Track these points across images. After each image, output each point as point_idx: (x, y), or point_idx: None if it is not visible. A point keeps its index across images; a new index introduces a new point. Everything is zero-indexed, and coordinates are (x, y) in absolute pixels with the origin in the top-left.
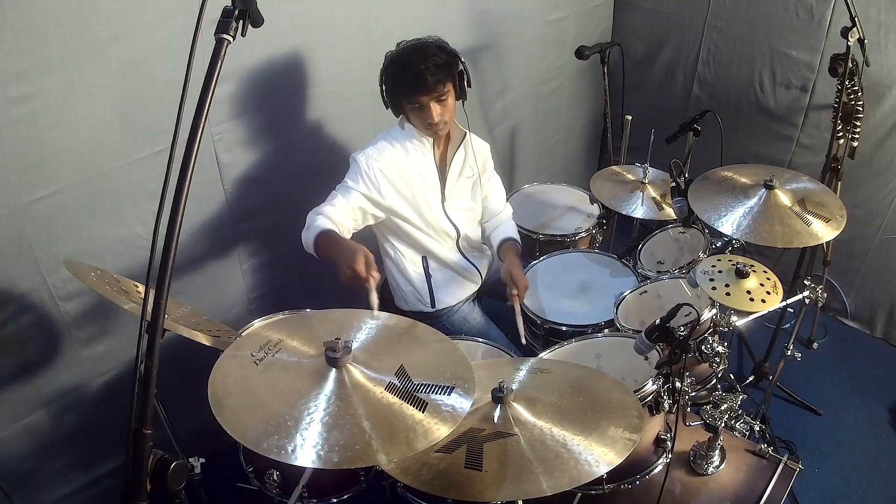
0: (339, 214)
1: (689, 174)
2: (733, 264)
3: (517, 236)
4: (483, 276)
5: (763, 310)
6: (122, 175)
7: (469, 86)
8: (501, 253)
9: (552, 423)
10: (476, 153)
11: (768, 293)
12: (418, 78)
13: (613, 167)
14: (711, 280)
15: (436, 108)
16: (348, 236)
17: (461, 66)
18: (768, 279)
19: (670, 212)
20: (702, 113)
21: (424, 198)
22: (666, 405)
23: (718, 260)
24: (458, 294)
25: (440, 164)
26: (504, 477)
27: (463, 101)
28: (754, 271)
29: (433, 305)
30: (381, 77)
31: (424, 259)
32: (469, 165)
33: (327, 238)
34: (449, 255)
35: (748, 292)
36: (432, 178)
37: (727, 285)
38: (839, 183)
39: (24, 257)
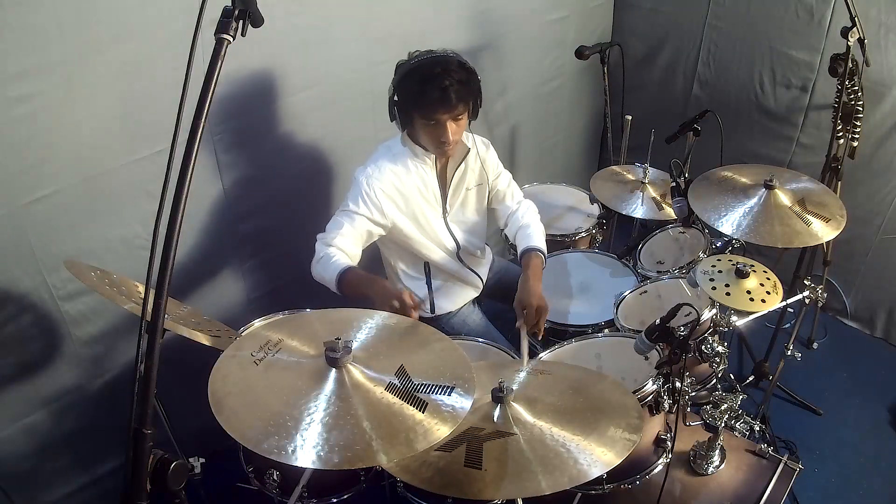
0: (349, 244)
1: (689, 174)
2: (733, 264)
3: (542, 243)
4: (484, 281)
5: (763, 310)
6: (122, 175)
7: (480, 105)
8: (522, 266)
9: (552, 423)
10: (478, 155)
11: (768, 292)
12: (443, 94)
13: (613, 167)
14: (711, 280)
15: (451, 127)
16: (358, 260)
17: (478, 82)
18: (768, 279)
19: (670, 212)
20: (702, 113)
21: (424, 213)
22: (666, 405)
23: (718, 260)
24: (458, 300)
25: (441, 178)
26: (503, 476)
27: (471, 121)
28: (754, 271)
29: (433, 311)
30: (394, 89)
31: (426, 265)
32: (470, 175)
33: (354, 278)
34: (449, 265)
35: (748, 292)
36: (433, 193)
37: (727, 285)
38: (839, 183)
39: (24, 257)
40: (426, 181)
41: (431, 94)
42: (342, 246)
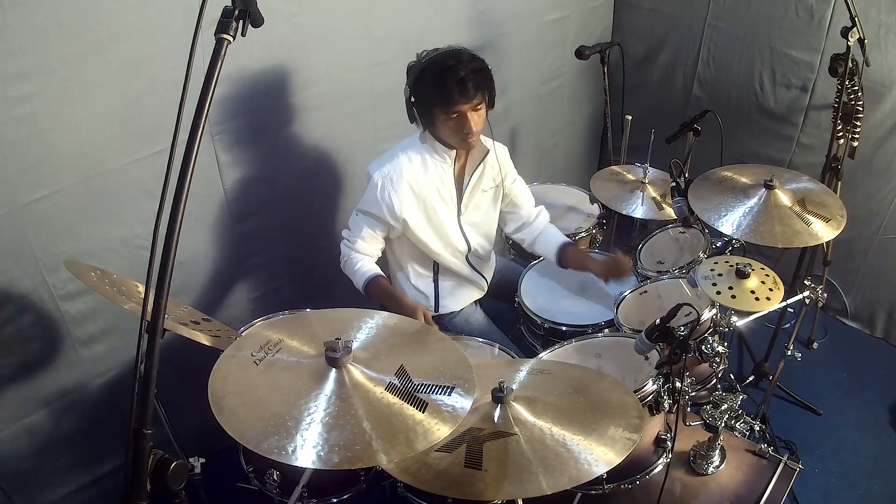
0: (371, 247)
1: (689, 174)
2: (730, 265)
3: (566, 238)
4: (489, 283)
5: (763, 309)
6: (122, 175)
7: (496, 94)
8: (568, 260)
9: (552, 422)
10: (497, 159)
11: (770, 289)
12: (461, 84)
13: (613, 167)
14: (714, 285)
15: (473, 118)
16: (381, 251)
17: (490, 73)
18: (767, 275)
19: (670, 212)
20: (702, 113)
21: (439, 213)
22: (666, 405)
23: (716, 263)
24: (462, 300)
25: (458, 178)
26: (504, 476)
27: (488, 111)
28: (752, 270)
29: (437, 310)
30: (412, 88)
31: (435, 265)
32: (487, 177)
33: (380, 288)
34: (458, 267)
35: (752, 292)
36: (449, 193)
37: (731, 288)
38: (839, 183)
39: (24, 257)
40: (444, 180)
41: (450, 86)
42: (364, 250)
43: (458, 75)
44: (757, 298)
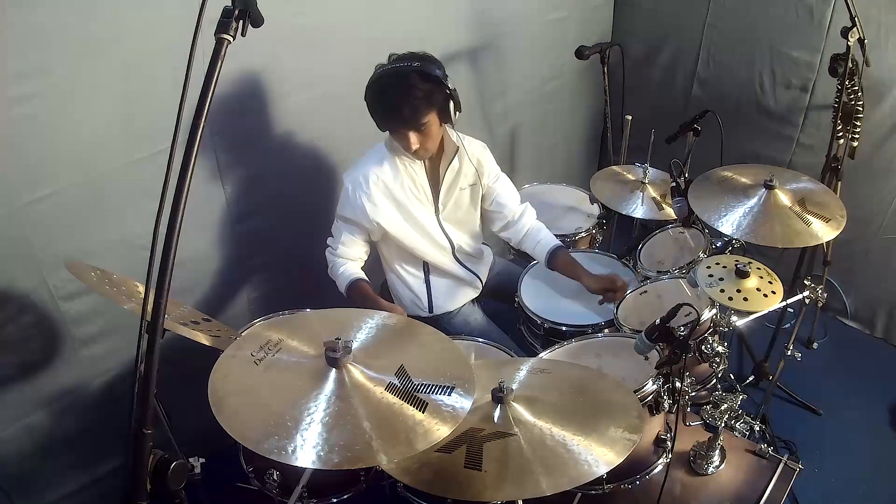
0: (352, 251)
1: (689, 174)
2: (724, 266)
3: (558, 241)
4: (483, 282)
5: (763, 309)
6: (122, 175)
7: (459, 110)
8: (557, 265)
9: (552, 423)
10: (471, 157)
11: (771, 283)
12: (394, 111)
13: (613, 167)
14: (722, 291)
15: (413, 138)
16: (367, 254)
17: (447, 91)
18: (760, 268)
19: (670, 212)
20: (702, 113)
21: (416, 213)
22: (666, 405)
23: (708, 266)
24: (457, 300)
25: (432, 176)
26: (504, 477)
27: (452, 124)
28: (750, 268)
29: (431, 311)
30: (365, 93)
31: (426, 265)
32: (464, 175)
33: (360, 291)
34: (447, 265)
35: (758, 290)
36: (424, 192)
37: (738, 291)
38: (839, 183)
39: (24, 257)
40: (416, 180)
41: (381, 111)
42: (346, 255)
43: (390, 103)
44: (765, 296)
